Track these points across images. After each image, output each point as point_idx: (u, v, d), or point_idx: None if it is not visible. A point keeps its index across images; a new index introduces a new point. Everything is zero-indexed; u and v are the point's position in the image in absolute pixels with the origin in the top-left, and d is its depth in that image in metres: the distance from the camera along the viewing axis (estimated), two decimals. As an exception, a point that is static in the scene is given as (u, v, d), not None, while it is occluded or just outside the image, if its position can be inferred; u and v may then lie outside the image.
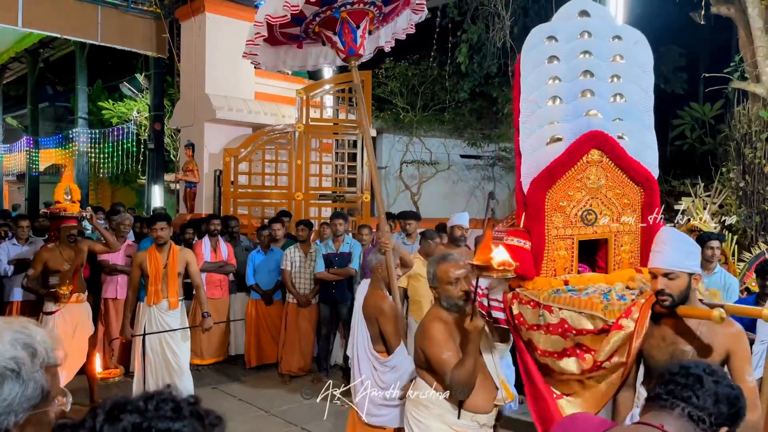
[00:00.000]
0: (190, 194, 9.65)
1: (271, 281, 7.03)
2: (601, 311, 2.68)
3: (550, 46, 3.20)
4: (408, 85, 14.30)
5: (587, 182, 3.07)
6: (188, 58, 10.39)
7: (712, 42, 13.65)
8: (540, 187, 3.01)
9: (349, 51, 4.42)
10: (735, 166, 8.51)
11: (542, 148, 3.10)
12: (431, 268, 3.05)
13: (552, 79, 3.15)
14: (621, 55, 3.22)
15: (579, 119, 3.09)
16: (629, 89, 3.20)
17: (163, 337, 5.10)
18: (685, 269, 2.54)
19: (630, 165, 3.10)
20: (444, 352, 2.84)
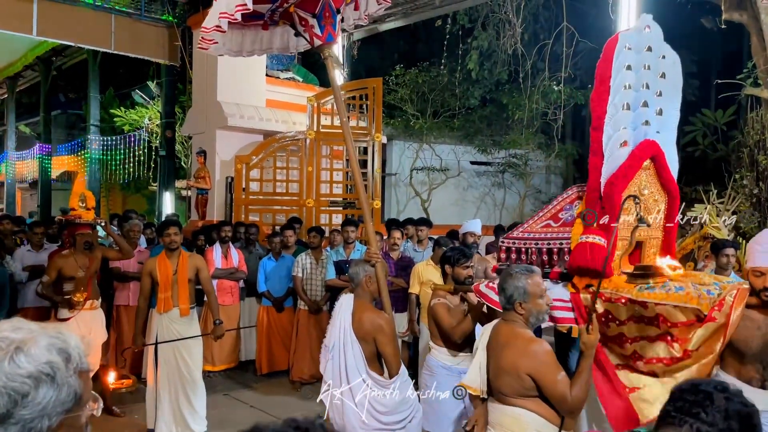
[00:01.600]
0: (202, 201, 9.69)
1: (282, 288, 7.04)
2: (697, 304, 2.84)
3: (627, 55, 3.34)
4: (418, 92, 14.32)
5: (639, 187, 3.30)
6: (200, 65, 10.46)
7: (723, 48, 13.61)
8: (617, 187, 3.17)
9: (327, 38, 4.09)
10: (748, 172, 8.44)
11: (617, 150, 3.25)
12: (519, 282, 2.84)
13: (625, 86, 3.30)
14: (664, 73, 3.44)
15: (639, 128, 3.30)
16: (667, 106, 3.44)
17: (175, 345, 5.10)
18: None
19: (667, 176, 3.37)
20: (560, 373, 2.69)
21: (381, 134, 9.44)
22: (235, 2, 3.70)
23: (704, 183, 10.48)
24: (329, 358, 3.72)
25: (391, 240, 6.71)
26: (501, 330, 2.90)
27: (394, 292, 6.38)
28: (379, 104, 9.38)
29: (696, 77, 14.52)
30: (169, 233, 5.14)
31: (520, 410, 2.76)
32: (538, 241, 3.49)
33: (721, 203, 8.87)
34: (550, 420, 2.73)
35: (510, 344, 2.80)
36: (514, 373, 2.73)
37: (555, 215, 3.55)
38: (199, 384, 5.19)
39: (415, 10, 10.51)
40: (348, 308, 3.75)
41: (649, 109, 3.32)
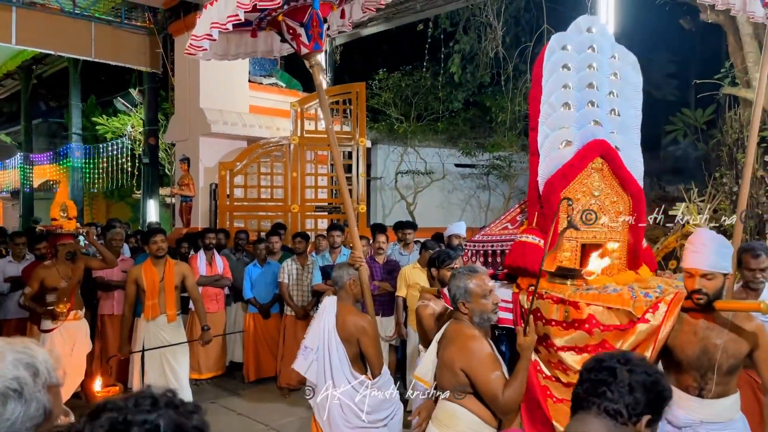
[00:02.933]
0: (186, 208, 9.65)
1: (269, 294, 7.02)
2: (630, 306, 2.78)
3: (565, 55, 3.35)
4: (402, 96, 14.37)
5: (591, 187, 3.24)
6: (182, 72, 10.42)
7: (702, 48, 13.78)
8: (555, 187, 3.13)
9: (314, 47, 4.14)
10: (728, 171, 8.57)
11: (556, 150, 3.22)
12: (461, 282, 2.86)
13: (564, 86, 3.29)
14: (617, 73, 3.41)
15: (586, 127, 3.25)
16: (623, 106, 3.40)
17: (162, 352, 5.08)
18: (722, 270, 2.69)
19: (625, 176, 3.26)
20: (494, 372, 2.70)
21: (365, 138, 9.46)
22: (227, 12, 3.76)
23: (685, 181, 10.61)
24: (314, 359, 3.78)
25: (377, 244, 6.72)
26: (449, 327, 2.96)
27: (380, 296, 6.40)
28: (363, 109, 9.40)
29: (675, 77, 14.73)
30: (156, 241, 5.13)
31: (454, 406, 2.78)
32: (494, 243, 3.50)
33: (702, 201, 8.98)
34: (485, 419, 2.75)
35: (452, 341, 2.85)
36: (451, 368, 2.78)
37: (513, 218, 3.58)
38: (186, 390, 5.18)
39: (396, 15, 10.57)
40: (331, 311, 3.81)
41: (598, 109, 3.28)
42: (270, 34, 4.64)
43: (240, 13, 3.72)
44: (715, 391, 2.76)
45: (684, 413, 2.79)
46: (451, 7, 11.04)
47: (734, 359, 2.75)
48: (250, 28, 4.37)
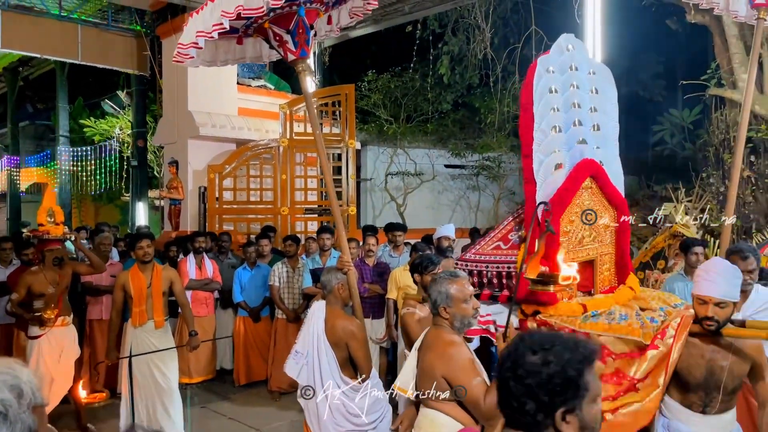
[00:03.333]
0: (175, 211, 9.60)
1: (258, 298, 7.00)
2: (640, 336, 2.87)
3: (551, 78, 3.36)
4: (391, 97, 14.38)
5: (582, 206, 3.32)
6: (170, 75, 10.37)
7: (689, 49, 13.87)
8: (554, 213, 3.10)
9: (301, 53, 4.13)
10: (715, 171, 8.64)
11: (550, 176, 3.25)
12: (442, 286, 2.83)
13: (553, 109, 3.30)
14: (596, 89, 3.48)
15: (573, 148, 3.29)
16: (604, 121, 3.47)
17: (150, 358, 5.04)
18: (733, 299, 2.76)
19: (611, 191, 3.36)
20: (475, 378, 2.67)
21: (354, 140, 9.46)
22: (212, 21, 3.75)
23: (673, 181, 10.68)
24: (304, 364, 3.79)
25: (367, 246, 6.72)
26: (429, 333, 2.92)
27: (370, 298, 6.40)
28: (352, 110, 9.40)
29: (663, 78, 14.81)
30: (141, 246, 5.08)
31: (435, 413, 2.76)
32: (489, 264, 3.44)
33: (690, 201, 9.05)
34: (467, 426, 2.72)
35: (431, 347, 2.82)
36: (431, 375, 2.74)
37: (505, 236, 3.54)
38: (176, 396, 5.14)
39: (385, 17, 10.57)
40: (320, 315, 3.81)
41: (583, 128, 3.33)
42: (257, 40, 4.63)
43: (225, 21, 3.71)
44: (719, 408, 2.86)
45: (686, 427, 2.89)
46: (440, 9, 11.06)
47: (738, 378, 2.84)
48: (237, 35, 4.36)
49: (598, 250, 3.35)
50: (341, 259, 4.14)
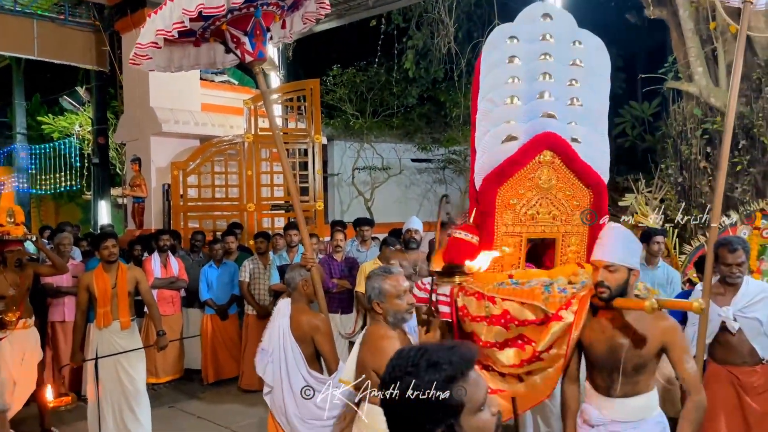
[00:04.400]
0: (138, 209, 9.45)
1: (226, 295, 6.95)
2: (542, 302, 2.76)
3: (511, 46, 3.22)
4: (357, 92, 14.35)
5: (539, 182, 3.14)
6: (130, 70, 10.15)
7: (648, 42, 14.17)
8: (492, 184, 3.08)
9: (258, 54, 4.16)
10: (673, 162, 8.85)
11: (497, 146, 3.15)
12: (375, 282, 2.86)
13: (511, 78, 3.18)
14: (580, 60, 3.25)
15: (535, 120, 3.13)
16: (586, 95, 3.24)
17: (116, 359, 4.97)
18: (625, 264, 2.61)
19: (581, 168, 3.15)
20: None
21: (321, 135, 9.43)
22: (172, 20, 3.73)
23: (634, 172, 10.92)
24: (269, 361, 3.81)
25: (335, 242, 6.72)
26: (367, 329, 2.99)
27: (339, 293, 6.42)
28: (317, 105, 9.37)
29: (623, 71, 15.07)
30: (107, 246, 4.99)
31: (371, 406, 2.76)
32: None
33: (650, 192, 9.26)
34: None
35: (365, 341, 2.88)
36: (363, 369, 2.80)
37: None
38: (143, 396, 5.08)
39: (348, 11, 10.54)
40: (286, 312, 3.83)
41: (553, 100, 3.15)
42: (213, 46, 4.58)
43: (185, 19, 3.69)
44: (621, 390, 2.68)
45: (596, 412, 2.76)
46: (403, 4, 11.06)
47: (640, 359, 2.65)
48: (194, 38, 4.33)
49: (560, 228, 3.20)
50: (304, 255, 4.17)
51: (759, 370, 3.65)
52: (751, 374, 3.65)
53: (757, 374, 3.65)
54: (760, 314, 3.57)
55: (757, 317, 3.57)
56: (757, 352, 3.61)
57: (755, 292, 3.60)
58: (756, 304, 3.57)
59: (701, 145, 8.47)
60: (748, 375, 3.65)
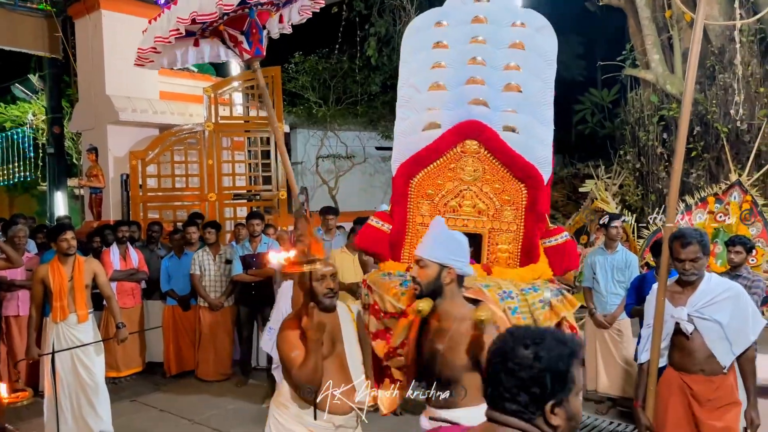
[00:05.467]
0: (96, 200, 9.22)
1: (187, 286, 6.86)
2: (393, 296, 2.68)
3: (437, 31, 3.05)
4: (319, 79, 14.24)
5: (461, 173, 2.94)
6: (85, 57, 9.89)
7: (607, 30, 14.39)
8: (405, 172, 2.97)
9: (255, 52, 4.28)
10: (631, 148, 9.04)
11: (417, 133, 3.01)
12: None
13: (435, 64, 3.01)
14: (521, 42, 3.00)
15: (460, 108, 2.94)
16: (527, 80, 2.97)
17: (74, 353, 4.86)
18: (435, 260, 2.44)
19: (510, 160, 2.87)
20: (293, 351, 2.77)
21: (283, 123, 9.33)
22: (169, 27, 3.88)
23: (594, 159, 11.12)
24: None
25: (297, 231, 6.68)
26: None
27: (303, 282, 6.39)
28: (279, 93, 9.26)
29: (583, 58, 15.31)
30: (65, 238, 4.87)
31: (283, 382, 2.94)
32: None
33: (609, 178, 9.45)
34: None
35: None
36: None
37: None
38: (102, 390, 4.99)
39: (310, -3, 10.40)
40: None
41: (484, 87, 2.94)
42: (215, 42, 4.65)
43: (181, 27, 3.83)
44: (438, 401, 2.48)
45: (424, 419, 2.60)
46: (365, -10, 11.00)
47: (451, 371, 2.42)
48: (193, 38, 4.43)
49: (487, 224, 2.94)
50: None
51: (716, 380, 3.21)
52: (706, 384, 3.21)
53: (713, 385, 3.21)
54: (721, 316, 3.17)
55: (717, 319, 3.16)
56: (717, 360, 3.19)
57: (717, 291, 3.20)
58: (717, 304, 3.18)
59: (658, 132, 8.67)
60: (703, 385, 3.22)
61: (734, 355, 3.20)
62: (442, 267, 2.43)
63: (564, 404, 1.38)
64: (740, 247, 4.82)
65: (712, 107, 8.09)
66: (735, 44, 7.87)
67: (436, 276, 2.43)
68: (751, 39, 7.92)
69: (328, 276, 2.82)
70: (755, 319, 3.24)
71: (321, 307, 2.84)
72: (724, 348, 3.18)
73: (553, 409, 1.37)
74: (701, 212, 7.51)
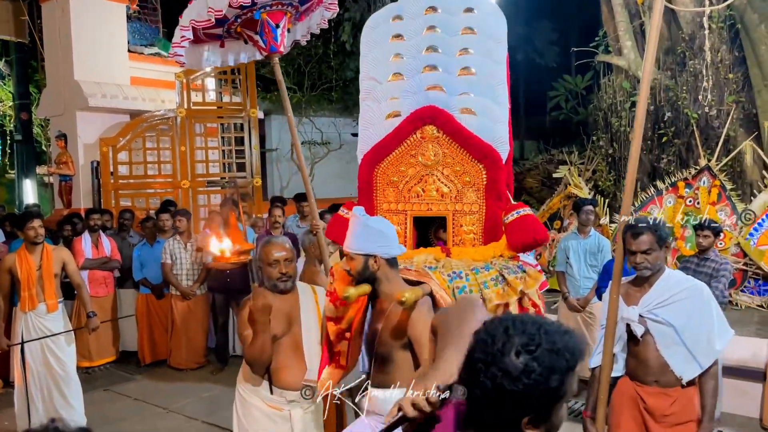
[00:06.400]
0: (66, 188, 9.05)
1: (160, 274, 6.79)
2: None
3: (395, 25, 3.13)
4: (294, 65, 14.10)
5: (421, 158, 2.99)
6: (52, 42, 9.65)
7: (581, 16, 14.48)
8: (369, 161, 3.06)
9: (270, 48, 4.57)
10: (604, 134, 9.13)
11: (380, 123, 3.09)
12: (257, 247, 3.16)
13: (394, 56, 3.09)
14: (472, 27, 3.06)
15: (418, 94, 3.01)
16: (480, 62, 3.01)
17: (44, 343, 4.80)
18: (359, 251, 2.52)
19: (467, 141, 2.90)
20: (245, 330, 2.97)
21: (257, 109, 9.23)
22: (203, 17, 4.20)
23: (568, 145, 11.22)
24: None
25: (272, 218, 6.66)
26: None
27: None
28: (252, 78, 9.15)
29: (557, 44, 15.38)
30: (33, 226, 4.78)
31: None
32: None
33: (582, 164, 9.55)
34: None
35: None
36: None
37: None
38: (73, 380, 4.94)
39: (284, -19, 10.28)
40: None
41: (441, 73, 3.00)
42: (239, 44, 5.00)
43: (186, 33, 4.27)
44: (374, 379, 2.57)
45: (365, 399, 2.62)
46: (340, -26, 10.88)
47: (386, 348, 2.52)
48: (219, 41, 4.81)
49: (450, 206, 2.97)
50: (312, 223, 4.44)
51: (673, 394, 2.87)
52: (661, 398, 2.89)
53: (669, 399, 2.87)
54: (676, 318, 2.83)
55: (670, 321, 2.83)
56: (672, 370, 2.86)
57: (675, 290, 2.87)
58: (673, 304, 2.85)
59: (630, 118, 8.76)
60: (657, 398, 2.90)
61: (700, 367, 2.82)
62: (367, 257, 2.53)
63: (545, 420, 1.21)
64: (708, 231, 4.92)
65: (683, 93, 8.20)
66: (704, 31, 7.98)
67: (363, 266, 2.54)
68: (721, 26, 8.02)
69: (282, 261, 3.00)
70: (721, 325, 2.87)
71: (276, 290, 3.03)
72: (680, 356, 2.84)
73: (531, 424, 1.20)
74: (672, 197, 7.64)
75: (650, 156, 8.61)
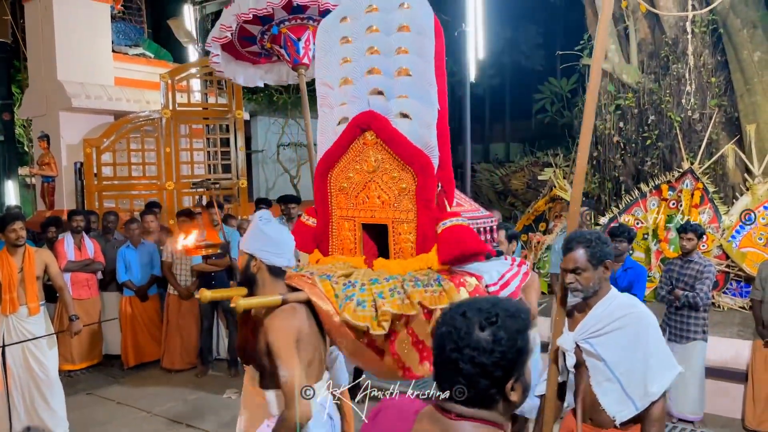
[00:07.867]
0: (49, 189, 8.96)
1: (145, 276, 6.74)
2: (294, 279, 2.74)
3: (342, 27, 3.03)
4: (280, 66, 14.08)
5: (365, 165, 2.94)
6: (35, 41, 9.55)
7: (566, 20, 14.59)
8: (322, 169, 3.05)
9: (293, 61, 4.83)
10: (588, 137, 9.18)
11: (332, 129, 3.05)
12: None
13: (343, 60, 3.01)
14: (407, 25, 2.86)
15: (362, 99, 2.94)
16: (414, 62, 2.82)
17: (25, 346, 4.74)
18: (245, 250, 2.61)
19: (399, 147, 2.78)
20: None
21: (242, 110, 9.20)
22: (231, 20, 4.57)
23: (554, 147, 11.30)
24: None
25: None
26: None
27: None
28: (238, 80, 9.12)
29: (543, 48, 15.50)
30: (14, 229, 4.72)
31: None
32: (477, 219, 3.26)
33: (567, 166, 9.61)
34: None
35: None
36: None
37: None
38: (55, 384, 4.87)
39: (270, -18, 10.26)
40: None
41: (380, 76, 2.89)
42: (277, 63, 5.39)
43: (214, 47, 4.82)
44: (261, 382, 2.61)
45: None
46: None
47: (257, 354, 2.56)
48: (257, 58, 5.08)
49: (390, 214, 2.88)
50: None
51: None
52: None
53: None
54: (609, 351, 2.43)
55: (602, 355, 2.44)
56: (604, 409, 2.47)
57: (613, 317, 2.46)
58: (607, 334, 2.45)
59: (614, 120, 8.83)
60: None
61: (636, 408, 2.40)
62: (250, 257, 2.59)
63: (521, 378, 1.31)
64: (692, 234, 4.97)
65: (666, 97, 8.28)
66: (688, 35, 8.06)
67: (246, 264, 2.60)
68: (704, 30, 8.11)
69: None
70: (662, 362, 2.41)
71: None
72: (614, 395, 2.44)
73: (513, 387, 1.30)
74: (655, 199, 7.71)
75: (634, 159, 8.69)
